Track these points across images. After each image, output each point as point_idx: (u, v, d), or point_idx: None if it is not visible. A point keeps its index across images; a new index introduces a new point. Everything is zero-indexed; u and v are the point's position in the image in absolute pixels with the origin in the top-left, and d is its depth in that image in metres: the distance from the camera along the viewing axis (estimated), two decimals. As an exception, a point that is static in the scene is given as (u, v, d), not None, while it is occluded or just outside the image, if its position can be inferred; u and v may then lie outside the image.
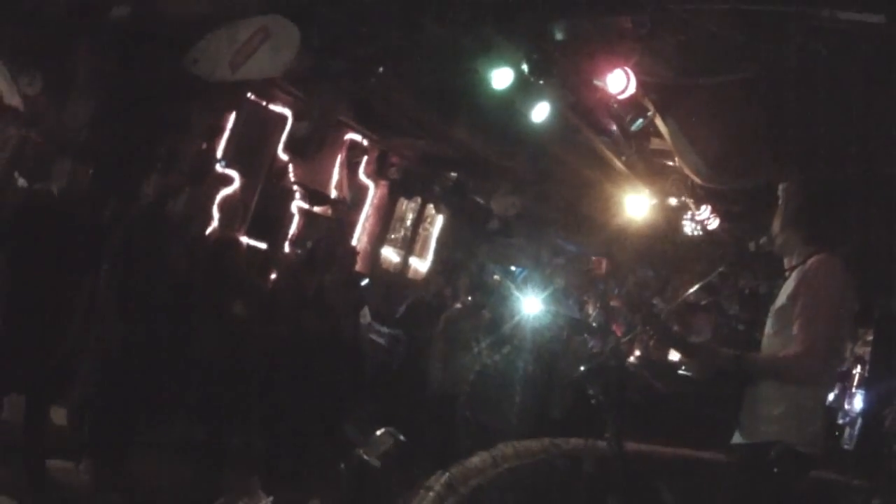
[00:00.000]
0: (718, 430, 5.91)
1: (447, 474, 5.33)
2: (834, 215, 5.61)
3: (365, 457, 5.68)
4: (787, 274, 5.13)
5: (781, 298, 5.00)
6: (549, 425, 7.54)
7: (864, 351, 18.83)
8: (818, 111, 8.17)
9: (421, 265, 16.55)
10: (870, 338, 18.25)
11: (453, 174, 15.15)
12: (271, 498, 5.99)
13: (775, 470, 4.73)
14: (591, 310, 14.59)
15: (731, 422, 5.23)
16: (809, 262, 4.94)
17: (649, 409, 9.61)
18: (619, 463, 6.88)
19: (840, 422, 18.08)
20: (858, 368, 19.21)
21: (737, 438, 5.09)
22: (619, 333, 13.60)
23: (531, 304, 8.35)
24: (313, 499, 6.29)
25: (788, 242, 5.22)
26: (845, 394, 19.36)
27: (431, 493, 4.94)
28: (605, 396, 8.10)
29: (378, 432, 6.17)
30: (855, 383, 19.33)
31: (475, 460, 5.84)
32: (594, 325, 12.93)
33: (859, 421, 17.28)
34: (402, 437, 6.22)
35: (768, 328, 5.10)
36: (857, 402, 18.28)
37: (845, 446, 16.71)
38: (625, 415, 9.05)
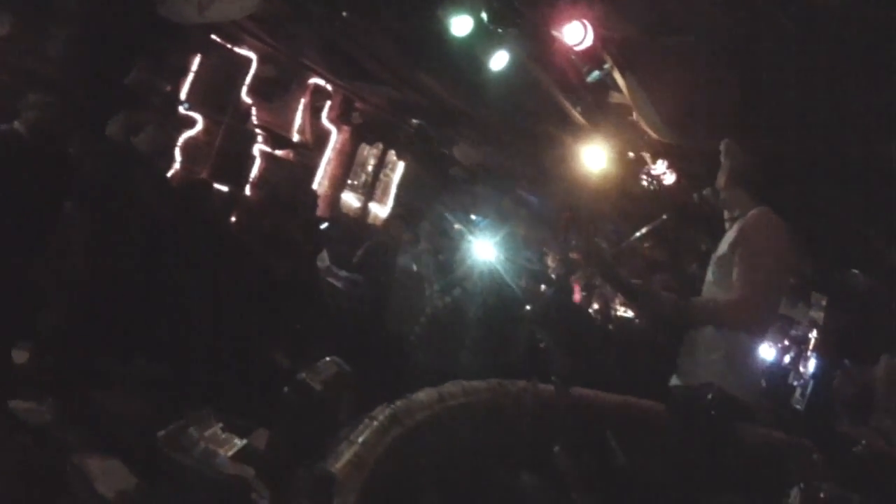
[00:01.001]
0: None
1: (392, 406, 5.42)
2: (783, 179, 5.76)
3: (307, 381, 5.75)
4: (727, 225, 5.27)
5: (722, 247, 5.15)
6: (503, 369, 7.63)
7: (820, 316, 19.18)
8: (782, 81, 8.27)
9: (381, 211, 16.64)
10: (825, 303, 18.66)
11: (416, 121, 15.19)
12: (220, 424, 6.07)
13: (711, 413, 4.88)
14: (550, 262, 14.66)
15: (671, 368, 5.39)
16: (751, 213, 5.08)
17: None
18: (564, 407, 7.04)
19: (795, 384, 18.42)
20: (814, 333, 19.50)
21: (674, 381, 5.24)
22: (578, 286, 13.73)
23: (487, 252, 8.44)
24: (260, 428, 6.38)
25: (733, 198, 5.36)
26: (800, 357, 19.67)
27: (375, 423, 5.02)
28: (552, 339, 8.27)
29: (322, 360, 6.25)
30: (811, 347, 19.62)
31: (421, 395, 5.91)
32: (553, 276, 13.00)
33: (811, 383, 17.63)
34: (347, 367, 6.30)
35: (709, 276, 5.25)
36: (812, 366, 18.62)
37: (797, 406, 17.03)
38: (573, 358, 9.24)
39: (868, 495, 7.19)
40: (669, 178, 12.45)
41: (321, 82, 13.90)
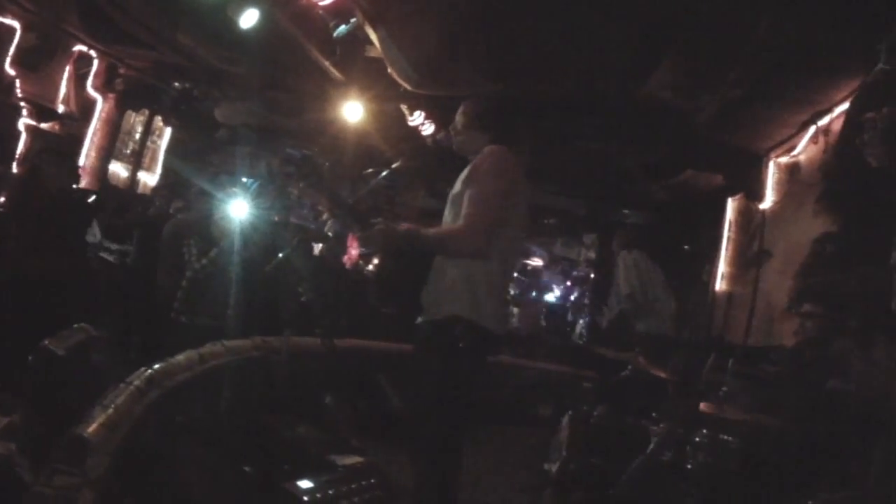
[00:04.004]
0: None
1: (150, 370, 5.47)
2: (519, 122, 5.96)
3: (49, 347, 5.75)
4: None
5: (457, 186, 5.31)
6: (270, 326, 7.71)
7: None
8: (520, 25, 8.53)
9: (150, 179, 16.25)
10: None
11: (178, 84, 15.01)
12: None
13: (461, 346, 5.03)
14: (326, 218, 14.75)
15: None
16: (484, 150, 5.28)
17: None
18: (331, 358, 7.18)
19: (580, 321, 19.08)
20: (594, 273, 20.21)
21: (420, 318, 5.38)
22: (355, 241, 13.87)
23: (250, 212, 8.46)
24: (18, 407, 6.32)
25: (470, 140, 5.55)
26: (584, 296, 20.37)
27: (131, 388, 5.07)
28: (314, 293, 8.41)
29: (71, 327, 6.24)
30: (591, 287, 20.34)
31: (181, 358, 5.97)
32: (329, 233, 13.10)
33: (587, 317, 18.37)
34: (98, 333, 6.30)
35: (446, 214, 5.39)
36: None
37: (579, 342, 17.70)
38: (338, 311, 9.38)
39: (636, 414, 7.59)
40: (428, 129, 12.71)
41: (85, 49, 13.56)
